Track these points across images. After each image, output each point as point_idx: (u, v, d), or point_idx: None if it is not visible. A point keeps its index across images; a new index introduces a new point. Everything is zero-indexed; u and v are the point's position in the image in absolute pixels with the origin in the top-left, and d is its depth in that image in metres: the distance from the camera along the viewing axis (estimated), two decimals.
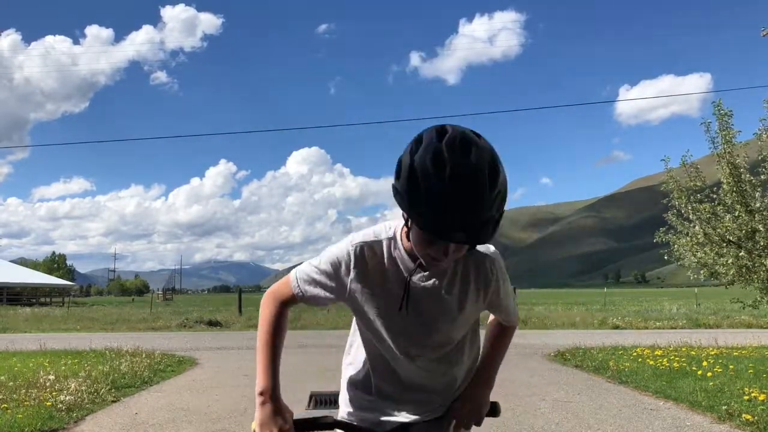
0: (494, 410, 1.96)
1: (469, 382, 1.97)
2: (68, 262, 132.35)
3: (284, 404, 1.77)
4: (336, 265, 1.77)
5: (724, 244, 11.69)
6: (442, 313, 1.78)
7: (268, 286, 1.94)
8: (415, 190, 1.48)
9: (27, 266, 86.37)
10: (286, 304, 1.85)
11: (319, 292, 1.80)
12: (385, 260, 1.76)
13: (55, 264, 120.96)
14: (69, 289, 66.64)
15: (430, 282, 1.75)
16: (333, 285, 1.79)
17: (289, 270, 1.95)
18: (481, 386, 1.95)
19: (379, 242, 1.77)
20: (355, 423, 1.90)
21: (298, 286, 1.83)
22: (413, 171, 1.49)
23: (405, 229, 1.68)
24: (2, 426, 6.14)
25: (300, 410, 7.20)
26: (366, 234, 1.79)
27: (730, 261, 11.43)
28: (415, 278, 1.74)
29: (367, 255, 1.76)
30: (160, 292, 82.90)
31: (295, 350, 14.63)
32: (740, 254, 11.36)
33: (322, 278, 1.80)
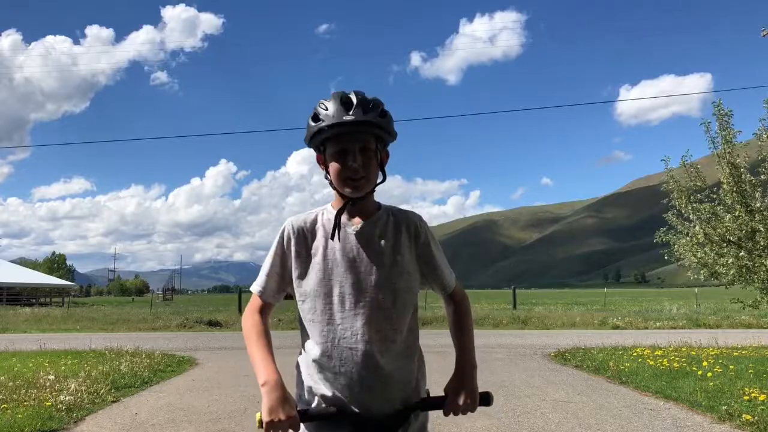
0: (487, 399, 1.97)
1: (453, 374, 2.01)
2: (68, 262, 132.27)
3: (289, 392, 1.83)
4: (278, 245, 2.02)
5: (724, 244, 11.68)
6: (379, 255, 1.96)
7: None
8: (315, 120, 1.93)
9: (27, 266, 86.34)
10: (260, 311, 2.05)
11: (275, 279, 2.03)
12: (318, 224, 2.02)
13: (55, 264, 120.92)
14: (69, 289, 66.59)
15: (365, 232, 1.98)
16: (281, 264, 2.01)
17: None
18: (466, 368, 1.99)
19: (311, 213, 2.06)
20: (358, 411, 1.88)
21: (258, 288, 2.05)
22: (313, 114, 1.95)
23: (335, 198, 2.01)
24: (2, 426, 6.14)
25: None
26: (299, 214, 2.07)
27: (730, 261, 11.41)
28: (350, 229, 1.98)
29: (301, 224, 2.02)
30: (160, 292, 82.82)
31: (293, 350, 14.62)
32: (740, 254, 11.35)
33: (272, 263, 2.02)
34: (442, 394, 1.98)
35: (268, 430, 1.75)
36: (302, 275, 1.99)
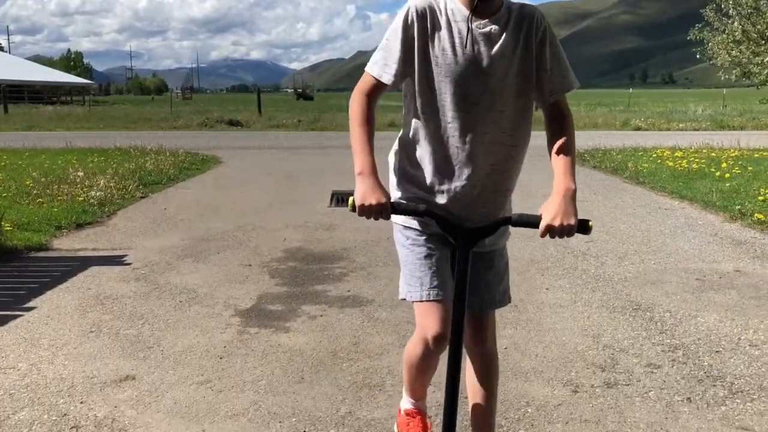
0: (585, 227, 1.82)
1: (551, 195, 1.86)
2: (85, 60, 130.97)
3: (382, 183, 1.81)
4: (398, 28, 1.87)
5: (763, 42, 11.17)
6: (499, 54, 1.86)
7: (288, 87, 1.94)
8: None
9: (43, 64, 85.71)
10: (370, 94, 1.92)
11: (392, 64, 1.88)
12: (444, 13, 1.87)
13: (72, 62, 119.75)
14: (88, 88, 66.64)
15: (488, 28, 1.85)
16: (401, 48, 1.87)
17: (308, 68, 1.93)
18: (567, 190, 1.84)
19: (436, 1, 1.90)
20: (449, 215, 1.89)
21: (374, 69, 1.91)
22: None
23: None
24: (41, 218, 6.46)
25: (322, 207, 7.45)
26: None
27: (766, 60, 10.99)
28: (474, 25, 1.84)
29: (427, 11, 1.87)
30: (178, 91, 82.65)
31: (314, 150, 14.83)
32: None
33: (392, 47, 1.88)
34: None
35: (361, 214, 1.77)
36: (422, 66, 1.89)
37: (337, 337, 3.65)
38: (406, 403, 2.29)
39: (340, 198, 7.97)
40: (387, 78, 1.88)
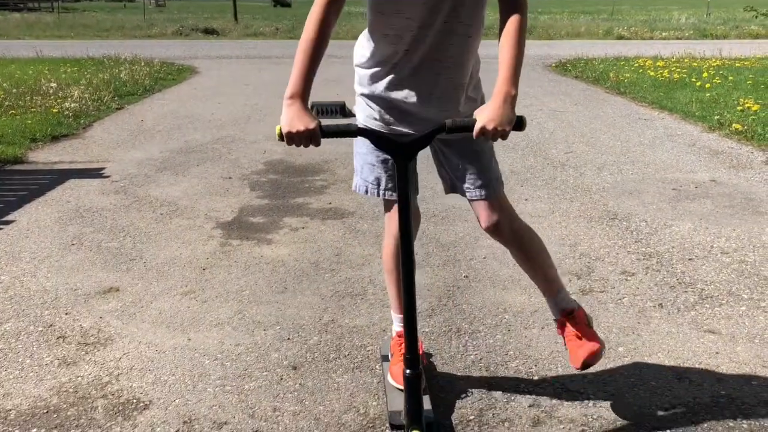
0: (520, 124, 1.76)
1: (492, 97, 1.79)
2: None
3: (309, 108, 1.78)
4: None
5: None
6: None
7: None
8: None
9: None
10: (331, 3, 1.80)
11: None
12: None
13: None
14: None
15: None
16: None
17: None
18: (507, 90, 1.76)
19: None
20: (378, 130, 1.90)
21: None
22: None
23: None
24: (15, 130, 6.33)
25: None
26: None
27: None
28: None
29: None
30: None
31: (291, 60, 14.50)
32: None
33: None
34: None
35: (289, 143, 1.72)
36: None
37: (319, 248, 3.70)
38: (396, 324, 2.33)
39: (322, 109, 7.84)
40: None
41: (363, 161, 2.10)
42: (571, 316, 2.15)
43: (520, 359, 2.54)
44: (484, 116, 1.72)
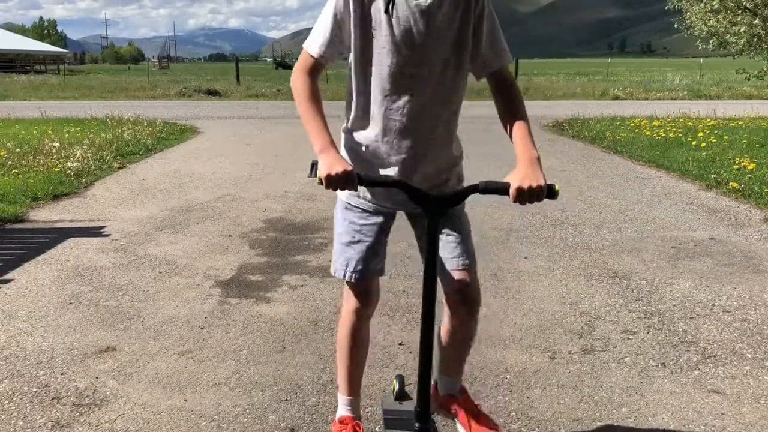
0: (552, 191, 1.82)
1: (517, 165, 1.84)
2: (58, 28, 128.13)
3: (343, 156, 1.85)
4: (334, 4, 1.86)
5: (739, 12, 11.23)
6: (436, 27, 1.85)
7: (267, 55, 1.93)
8: None
9: (15, 32, 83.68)
10: (311, 72, 1.94)
11: (329, 37, 1.88)
12: None
13: (45, 30, 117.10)
14: (63, 57, 65.29)
15: (426, 4, 1.82)
16: (335, 23, 1.87)
17: (287, 36, 1.90)
18: (532, 157, 1.83)
19: None
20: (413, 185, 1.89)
21: (312, 46, 1.91)
22: None
23: None
24: (16, 189, 6.37)
25: (302, 177, 7.43)
26: None
27: (742, 30, 11.09)
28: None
29: None
30: (155, 60, 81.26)
31: (293, 120, 14.71)
32: (754, 22, 10.98)
33: (327, 22, 1.87)
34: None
35: (328, 186, 1.75)
36: (357, 40, 1.88)
37: (317, 306, 3.67)
38: (341, 408, 2.28)
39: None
40: (324, 53, 1.89)
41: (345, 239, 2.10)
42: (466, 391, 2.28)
43: (522, 420, 2.49)
44: (518, 178, 1.78)
